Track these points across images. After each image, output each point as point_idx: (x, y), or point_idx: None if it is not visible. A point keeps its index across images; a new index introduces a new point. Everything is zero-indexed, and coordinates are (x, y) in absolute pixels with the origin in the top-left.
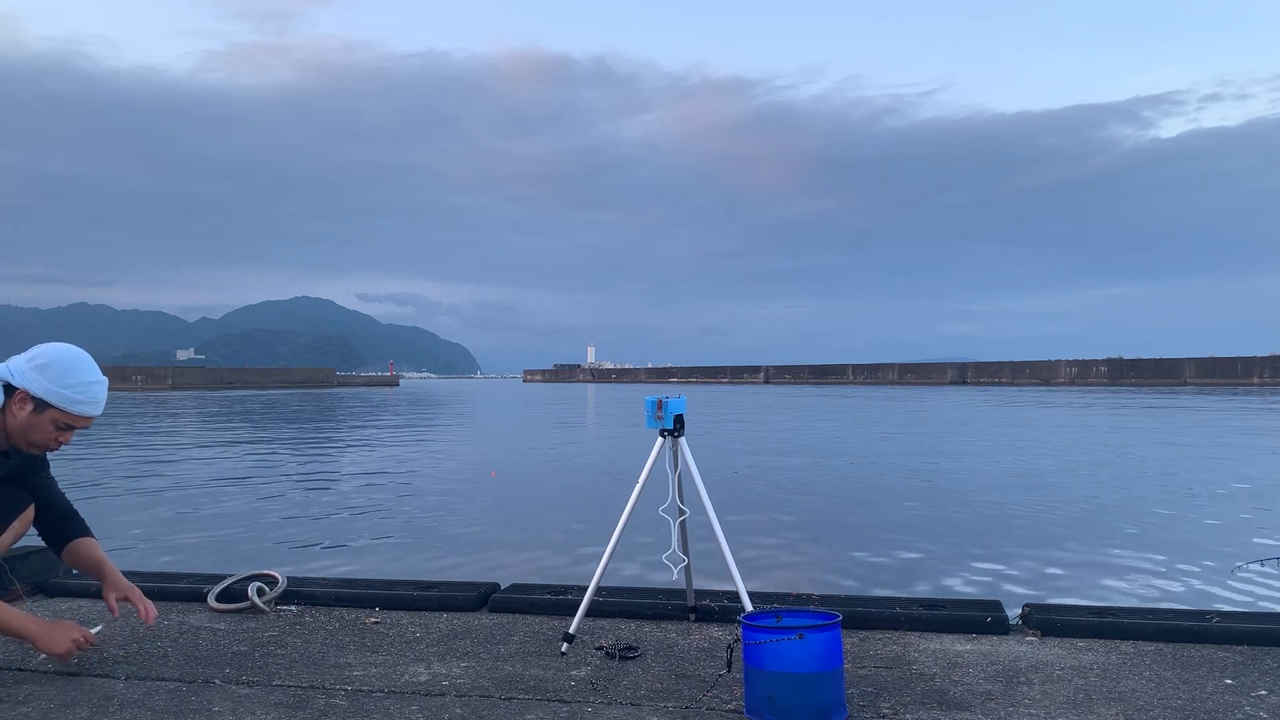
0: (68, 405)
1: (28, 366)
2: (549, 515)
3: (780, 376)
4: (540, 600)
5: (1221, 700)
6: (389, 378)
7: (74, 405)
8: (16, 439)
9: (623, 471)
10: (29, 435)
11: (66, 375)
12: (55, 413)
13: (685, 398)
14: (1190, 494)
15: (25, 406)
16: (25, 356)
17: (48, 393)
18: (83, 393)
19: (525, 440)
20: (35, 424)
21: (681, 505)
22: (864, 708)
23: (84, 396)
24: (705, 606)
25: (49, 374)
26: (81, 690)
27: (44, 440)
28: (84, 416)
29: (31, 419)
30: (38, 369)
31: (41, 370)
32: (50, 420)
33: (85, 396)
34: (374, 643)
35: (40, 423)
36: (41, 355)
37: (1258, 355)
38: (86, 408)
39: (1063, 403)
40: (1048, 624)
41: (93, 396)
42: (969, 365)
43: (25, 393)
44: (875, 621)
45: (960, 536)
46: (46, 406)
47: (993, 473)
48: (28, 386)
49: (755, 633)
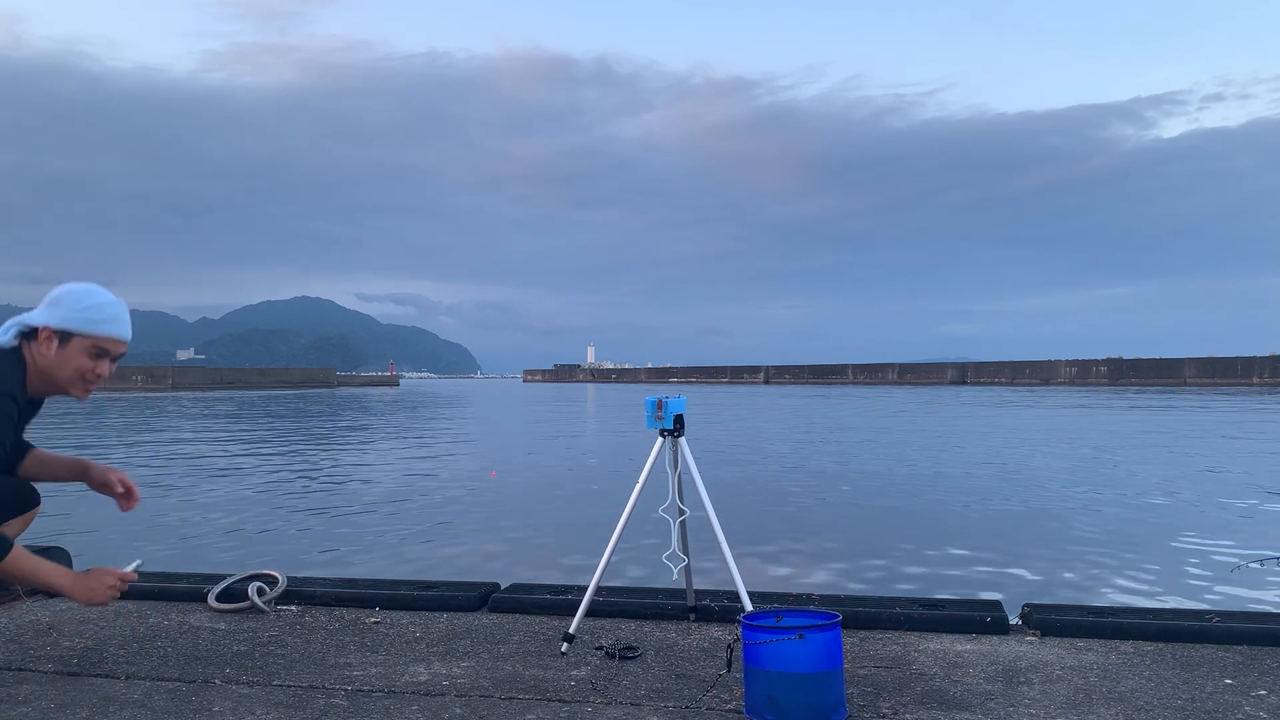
0: (93, 327)
1: (43, 306)
2: (549, 515)
3: (780, 376)
4: (540, 600)
5: (1221, 700)
6: (389, 378)
7: (99, 326)
8: (47, 382)
9: (623, 471)
10: (60, 373)
11: (81, 299)
12: (82, 340)
13: (685, 398)
14: (1190, 494)
15: (51, 343)
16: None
17: (68, 320)
18: (102, 312)
19: (526, 440)
20: (65, 358)
21: (681, 505)
22: (864, 708)
23: (105, 315)
24: (705, 606)
25: (63, 303)
26: (81, 690)
27: (78, 374)
28: (113, 338)
29: (60, 355)
30: (49, 304)
31: (54, 303)
32: (80, 350)
33: (106, 315)
34: (374, 643)
35: (70, 355)
36: (54, 293)
37: (1258, 355)
38: (112, 327)
39: (1062, 403)
40: (1048, 624)
41: (114, 315)
42: (969, 365)
43: (47, 328)
44: (875, 621)
45: (960, 536)
46: (71, 336)
47: (993, 473)
48: (46, 321)
49: (755, 633)
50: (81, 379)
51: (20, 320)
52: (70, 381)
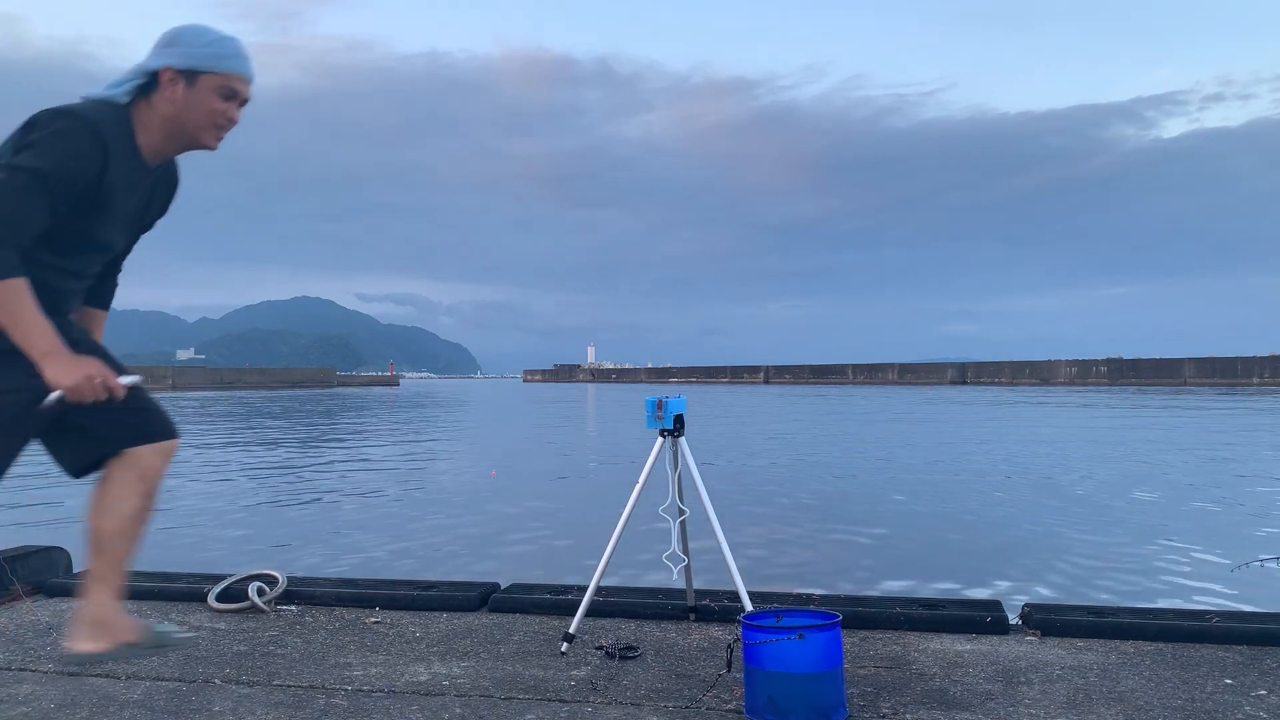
0: (220, 63)
1: (156, 49)
2: (549, 515)
3: (780, 376)
4: (540, 600)
5: (1221, 700)
6: (389, 378)
7: (227, 61)
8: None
9: (623, 472)
10: (191, 116)
11: (203, 33)
12: (209, 78)
13: (685, 398)
14: (1190, 494)
15: (177, 85)
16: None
17: (191, 57)
18: (227, 46)
19: (526, 440)
20: (194, 99)
21: (681, 505)
22: (864, 708)
23: (231, 50)
24: (705, 606)
25: (183, 40)
26: (81, 690)
27: (209, 116)
28: (240, 74)
29: (188, 96)
30: (166, 44)
31: (172, 42)
32: (209, 89)
33: (232, 50)
34: (374, 643)
35: (199, 96)
36: (166, 33)
37: (1258, 355)
38: (239, 62)
39: (1062, 403)
40: (1048, 624)
41: (239, 50)
42: (969, 365)
43: (171, 70)
44: (875, 621)
45: (960, 537)
46: (197, 74)
47: (993, 473)
48: (167, 61)
49: (755, 633)
50: (214, 123)
51: (138, 67)
52: (201, 126)
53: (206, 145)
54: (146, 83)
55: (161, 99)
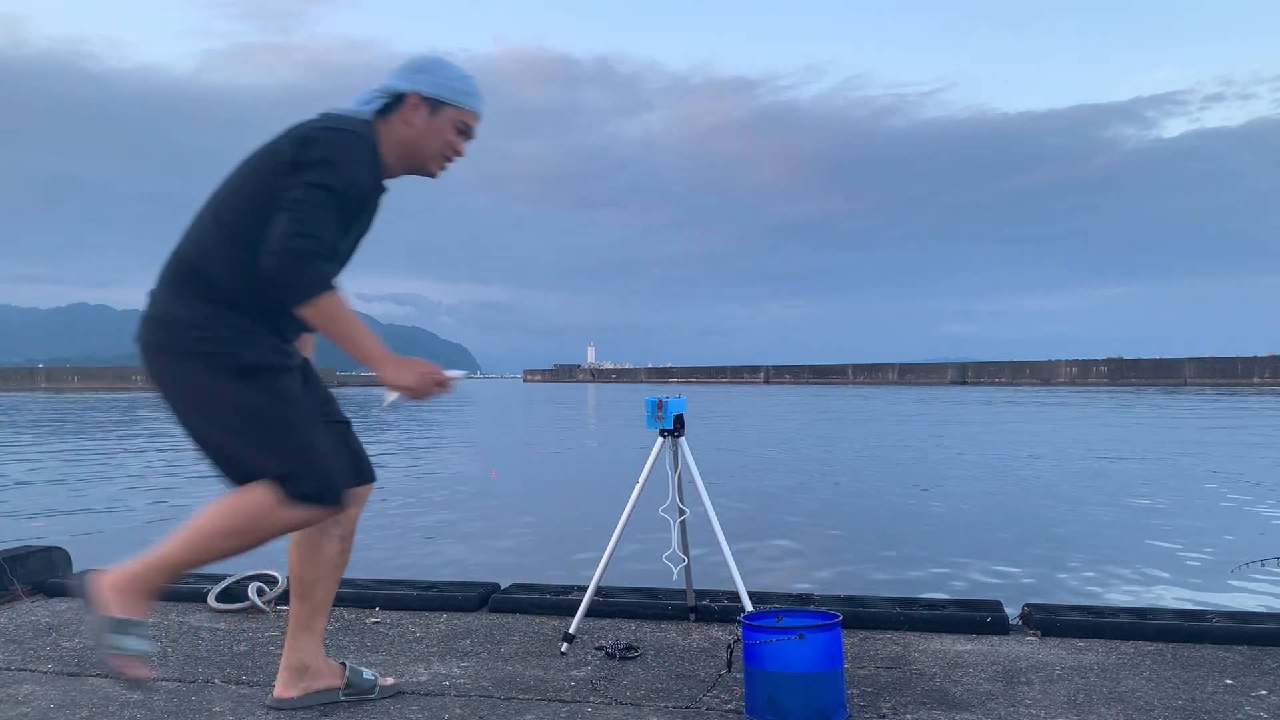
0: (463, 99)
1: (406, 72)
2: (549, 515)
3: (780, 376)
4: (540, 600)
5: (1222, 700)
6: None
7: (470, 98)
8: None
9: (623, 472)
10: (426, 143)
11: (451, 69)
12: (451, 110)
13: (685, 398)
14: (1190, 493)
15: (419, 111)
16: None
17: (439, 88)
18: (470, 84)
19: (526, 440)
20: (433, 128)
21: (681, 505)
22: (864, 708)
23: (474, 89)
24: (705, 606)
25: (433, 70)
26: (81, 690)
27: (442, 147)
28: (477, 113)
29: (430, 123)
30: (416, 70)
31: (422, 69)
32: (449, 121)
33: (474, 89)
34: (374, 643)
35: (438, 125)
36: (415, 59)
37: (1258, 355)
38: (479, 101)
39: (1062, 403)
40: (1048, 624)
41: (479, 89)
42: (969, 365)
43: (417, 96)
44: (875, 621)
45: (960, 537)
46: (441, 105)
47: (993, 473)
48: (416, 87)
49: (755, 633)
50: (444, 154)
51: (384, 87)
52: (433, 155)
53: (430, 173)
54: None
55: (401, 121)
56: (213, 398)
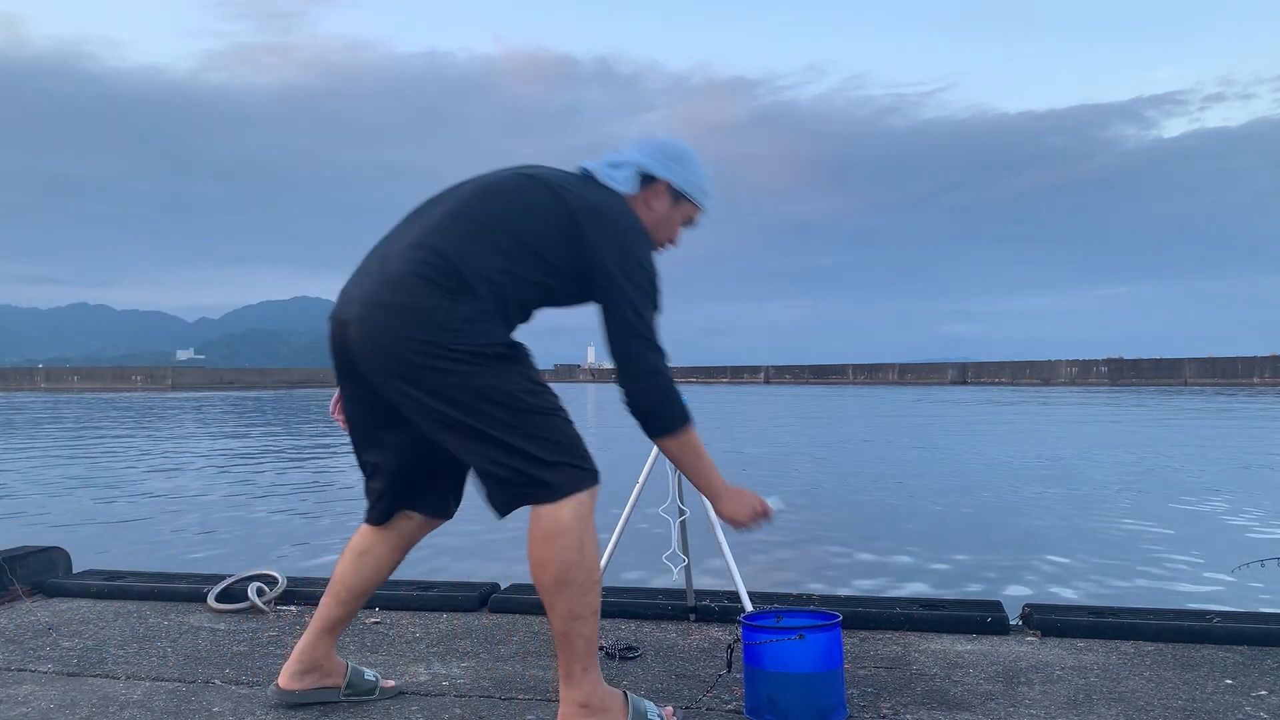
0: (703, 199)
1: (662, 157)
2: None
3: (780, 376)
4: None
5: (1222, 700)
6: None
7: (708, 198)
8: None
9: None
10: (659, 230)
11: (699, 166)
12: (689, 206)
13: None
14: (1190, 493)
15: (663, 199)
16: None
17: (689, 185)
18: (711, 184)
19: None
20: (670, 218)
21: (681, 505)
22: (864, 708)
23: (712, 188)
24: (705, 606)
25: (685, 163)
26: (81, 690)
27: (669, 235)
28: (706, 211)
29: (669, 213)
30: (673, 159)
31: (676, 159)
32: (683, 214)
33: (713, 188)
34: (374, 643)
35: (674, 217)
36: (669, 146)
37: (1259, 355)
38: (712, 201)
39: (1063, 402)
40: (1048, 624)
41: (713, 190)
42: (969, 365)
43: (667, 184)
44: (875, 621)
45: (960, 536)
46: (682, 199)
47: (992, 473)
48: (669, 177)
49: (755, 633)
50: (665, 242)
51: (636, 164)
52: (660, 241)
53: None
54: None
55: (644, 203)
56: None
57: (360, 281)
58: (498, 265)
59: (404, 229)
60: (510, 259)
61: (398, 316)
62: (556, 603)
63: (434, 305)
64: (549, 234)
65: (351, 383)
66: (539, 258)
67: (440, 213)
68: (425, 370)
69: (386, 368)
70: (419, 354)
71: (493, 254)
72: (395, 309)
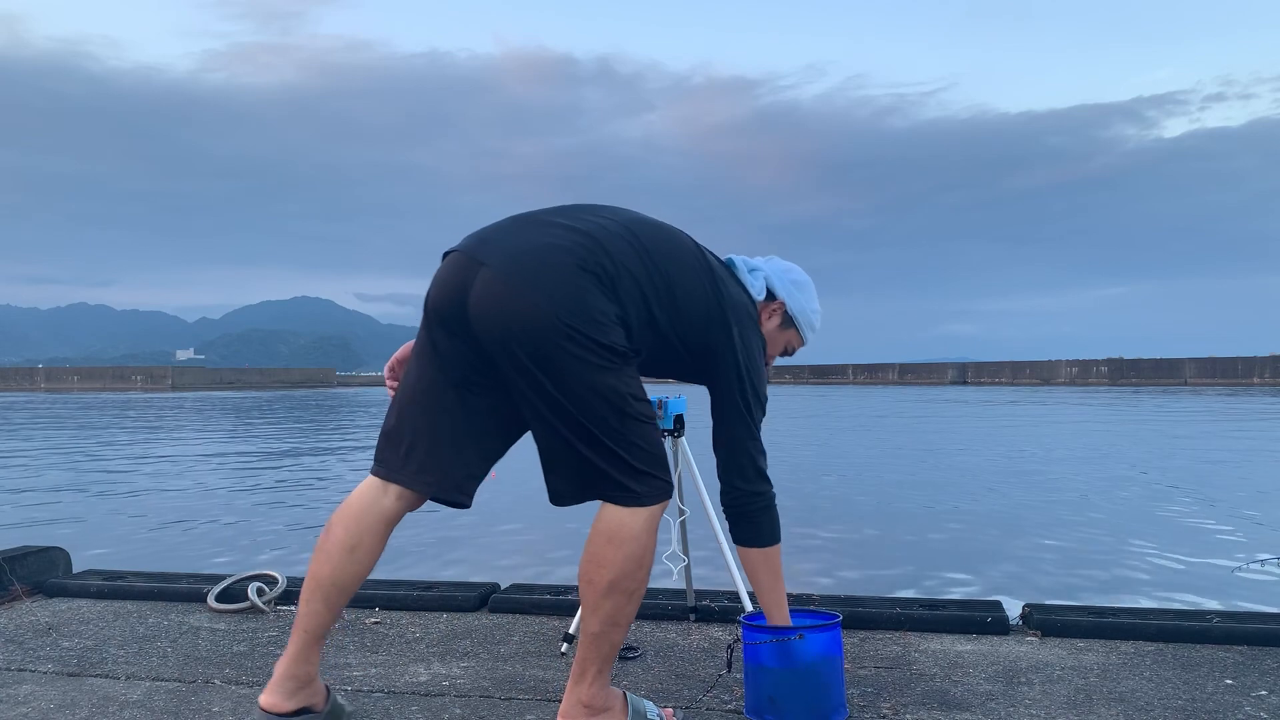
0: (810, 332)
1: (786, 280)
2: (549, 515)
3: (780, 376)
4: (540, 600)
5: (1222, 700)
6: None
7: (810, 332)
8: None
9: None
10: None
11: (814, 300)
12: (795, 335)
13: (685, 398)
14: (1190, 494)
15: (776, 319)
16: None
17: (803, 314)
18: (818, 320)
19: (526, 440)
20: (776, 339)
21: (681, 505)
22: (864, 708)
23: (819, 325)
24: (705, 607)
25: (807, 294)
26: (81, 690)
27: (771, 357)
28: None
29: (777, 334)
30: (795, 285)
31: (800, 287)
32: (786, 339)
33: (819, 325)
34: (374, 643)
35: (779, 339)
36: (794, 271)
37: (1258, 355)
38: (814, 336)
39: (1063, 402)
40: (1048, 624)
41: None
42: (969, 365)
43: (783, 305)
44: (875, 621)
45: (960, 536)
46: (791, 325)
47: (992, 473)
48: (788, 300)
49: (755, 633)
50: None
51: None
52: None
53: None
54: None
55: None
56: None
57: (508, 235)
58: (644, 295)
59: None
60: (658, 298)
61: (546, 283)
62: (602, 605)
63: (587, 289)
64: (693, 306)
65: (445, 333)
66: (679, 315)
67: (604, 220)
68: (555, 349)
69: (515, 331)
70: (555, 330)
71: (645, 284)
72: (547, 275)
